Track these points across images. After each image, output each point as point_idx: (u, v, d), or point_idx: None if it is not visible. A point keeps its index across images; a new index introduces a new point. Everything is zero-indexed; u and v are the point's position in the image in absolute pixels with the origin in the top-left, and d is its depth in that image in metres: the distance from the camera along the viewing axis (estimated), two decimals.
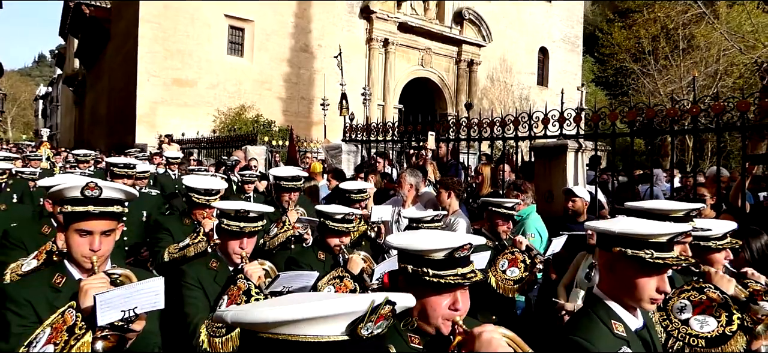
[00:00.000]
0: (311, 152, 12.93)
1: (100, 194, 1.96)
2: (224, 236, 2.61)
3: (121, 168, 5.00)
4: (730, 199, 4.81)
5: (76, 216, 1.94)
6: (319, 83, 19.85)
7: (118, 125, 21.37)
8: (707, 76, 21.72)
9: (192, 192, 3.58)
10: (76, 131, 36.60)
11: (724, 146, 20.95)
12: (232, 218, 2.54)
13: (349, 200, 4.22)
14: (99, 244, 1.95)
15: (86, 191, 1.93)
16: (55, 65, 58.32)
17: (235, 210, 2.55)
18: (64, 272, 2.03)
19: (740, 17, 21.05)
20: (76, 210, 1.93)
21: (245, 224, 2.54)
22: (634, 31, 24.75)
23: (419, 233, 1.93)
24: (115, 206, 1.99)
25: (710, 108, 4.23)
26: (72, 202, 1.94)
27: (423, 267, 1.59)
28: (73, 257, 2.00)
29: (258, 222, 2.60)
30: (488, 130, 5.86)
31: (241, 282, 2.40)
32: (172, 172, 7.90)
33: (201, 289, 2.50)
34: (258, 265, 2.53)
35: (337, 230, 3.11)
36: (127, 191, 2.09)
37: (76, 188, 1.94)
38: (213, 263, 2.62)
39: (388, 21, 22.73)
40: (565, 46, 30.94)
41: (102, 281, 1.81)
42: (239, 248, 2.56)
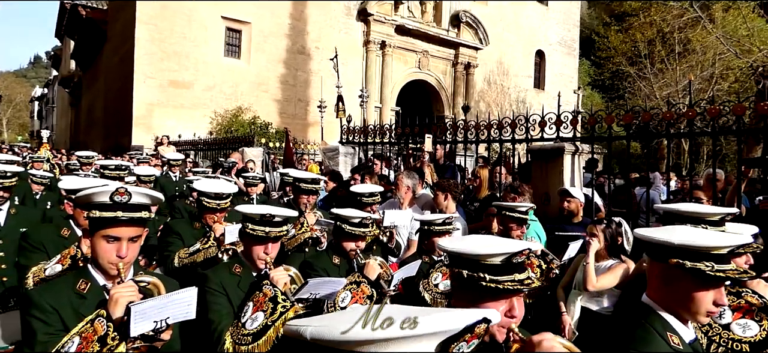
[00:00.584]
0: (308, 154, 12.91)
1: (130, 199, 1.92)
2: (248, 241, 2.53)
3: (113, 170, 4.93)
4: (727, 202, 4.82)
5: (104, 222, 1.90)
6: (316, 85, 19.84)
7: (115, 127, 21.29)
8: (703, 80, 21.83)
9: (203, 196, 3.53)
10: (72, 132, 36.47)
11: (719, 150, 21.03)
12: (257, 223, 2.47)
13: (361, 204, 4.13)
14: (126, 250, 1.92)
15: (115, 197, 1.89)
16: (51, 67, 58.12)
17: (260, 215, 2.47)
18: (88, 277, 1.99)
19: (736, 21, 21.16)
20: (104, 216, 1.89)
21: (271, 229, 2.47)
22: (631, 35, 24.87)
23: (474, 238, 1.91)
24: (142, 212, 1.96)
25: (706, 112, 4.24)
26: (100, 207, 1.90)
27: (479, 271, 1.54)
28: (99, 263, 1.96)
29: (283, 227, 2.54)
30: (485, 132, 5.86)
31: (267, 289, 2.33)
32: (172, 174, 7.80)
33: (225, 295, 2.43)
34: (284, 271, 2.45)
35: (354, 234, 3.06)
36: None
37: (105, 193, 1.90)
38: (236, 269, 2.55)
39: (385, 23, 22.76)
40: (561, 50, 31.04)
41: (132, 290, 1.79)
42: (264, 254, 2.48)
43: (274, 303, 2.28)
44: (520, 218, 3.58)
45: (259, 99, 19.93)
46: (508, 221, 3.59)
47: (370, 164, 7.01)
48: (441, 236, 3.29)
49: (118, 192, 1.89)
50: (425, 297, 2.98)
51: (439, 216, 3.50)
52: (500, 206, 3.76)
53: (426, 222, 3.44)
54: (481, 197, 5.57)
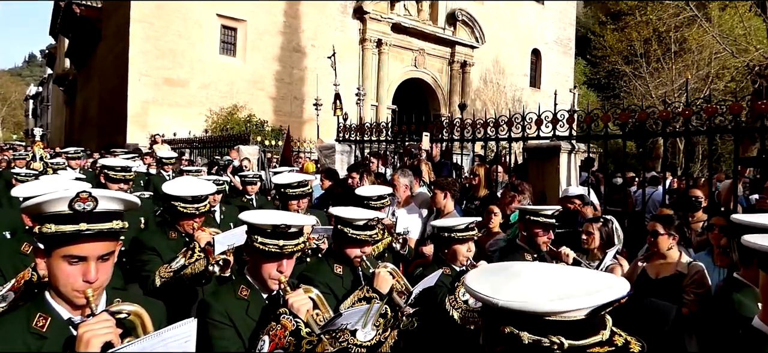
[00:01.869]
0: (304, 151, 12.87)
1: (95, 207, 1.49)
2: (258, 258, 2.08)
3: (118, 172, 4.21)
4: (722, 202, 4.82)
5: (64, 238, 1.46)
6: (311, 83, 19.78)
7: (109, 125, 21.18)
8: (699, 79, 21.88)
9: (176, 201, 2.99)
10: (67, 131, 36.27)
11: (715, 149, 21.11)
12: (269, 236, 2.01)
13: (368, 208, 3.82)
14: (96, 273, 1.48)
15: (76, 204, 1.46)
16: (45, 65, 57.81)
17: (272, 225, 2.01)
18: (47, 310, 1.52)
19: (732, 20, 21.20)
20: (62, 230, 1.45)
21: (285, 243, 2.02)
22: (626, 34, 24.88)
23: (529, 272, 1.37)
24: (114, 222, 1.53)
25: (703, 111, 4.23)
26: (57, 219, 1.46)
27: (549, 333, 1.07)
28: (60, 291, 1.50)
29: (299, 239, 2.10)
30: (482, 131, 5.85)
31: (285, 320, 1.91)
32: (165, 173, 7.49)
33: (231, 326, 2.01)
34: (304, 295, 2.02)
35: (358, 240, 2.67)
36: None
37: (61, 201, 1.46)
38: (243, 291, 2.10)
39: (381, 22, 22.72)
40: (557, 48, 31.08)
41: (108, 325, 1.40)
42: (277, 273, 2.06)
43: (297, 338, 1.89)
44: (545, 223, 3.28)
45: (254, 97, 19.86)
46: (533, 226, 3.31)
47: (367, 163, 6.99)
48: (464, 243, 2.99)
49: (79, 198, 1.46)
50: (454, 315, 2.60)
51: (460, 220, 3.11)
52: (524, 209, 3.50)
53: (446, 228, 3.03)
54: (480, 195, 5.55)
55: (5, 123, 59.64)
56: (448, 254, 3.04)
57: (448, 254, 3.03)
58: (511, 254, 3.34)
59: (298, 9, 20.96)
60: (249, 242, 2.10)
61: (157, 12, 18.05)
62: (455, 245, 2.98)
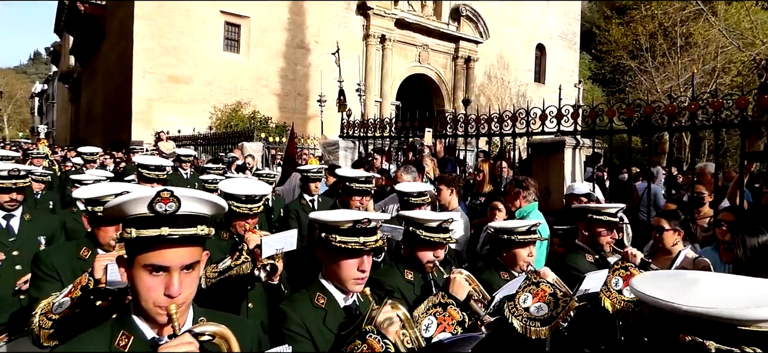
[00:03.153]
0: (308, 148, 12.88)
1: (178, 209, 1.34)
2: (337, 257, 1.92)
3: (152, 171, 3.99)
4: (728, 196, 4.79)
5: (144, 244, 1.32)
6: (315, 79, 19.78)
7: (114, 123, 21.26)
8: (705, 74, 21.73)
9: (230, 200, 2.83)
10: (72, 128, 36.46)
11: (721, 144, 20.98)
12: (347, 233, 1.89)
13: (408, 206, 3.69)
14: (179, 286, 1.33)
15: (157, 205, 1.32)
16: (50, 62, 58.05)
17: (353, 221, 1.89)
18: (130, 329, 1.38)
19: (739, 14, 21.03)
20: (143, 235, 1.31)
21: (366, 239, 1.90)
22: (632, 28, 24.73)
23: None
24: (198, 227, 1.37)
25: (709, 105, 4.20)
26: (137, 223, 1.33)
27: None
28: (141, 307, 1.36)
29: (378, 234, 1.98)
30: (486, 126, 5.83)
31: (373, 341, 1.68)
32: (183, 171, 7.23)
33: (309, 339, 1.85)
34: (392, 312, 1.79)
35: (432, 242, 2.50)
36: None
37: (141, 202, 1.33)
38: (319, 299, 1.94)
39: (385, 17, 22.67)
40: (562, 43, 30.94)
41: (189, 348, 1.25)
42: (359, 272, 1.92)
43: None
44: (609, 222, 3.09)
45: (258, 94, 19.88)
46: (595, 225, 3.12)
47: (370, 159, 6.98)
48: (525, 246, 2.81)
49: (160, 198, 1.33)
50: (514, 323, 2.39)
51: (521, 222, 2.91)
52: (584, 208, 3.27)
53: (506, 230, 2.83)
54: (485, 191, 5.53)
55: (11, 121, 59.97)
56: (506, 257, 2.87)
57: (507, 257, 2.86)
58: (571, 255, 3.21)
59: (301, 5, 20.94)
60: (325, 242, 1.93)
61: (161, 9, 18.08)
62: (515, 248, 2.81)
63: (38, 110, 64.45)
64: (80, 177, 4.94)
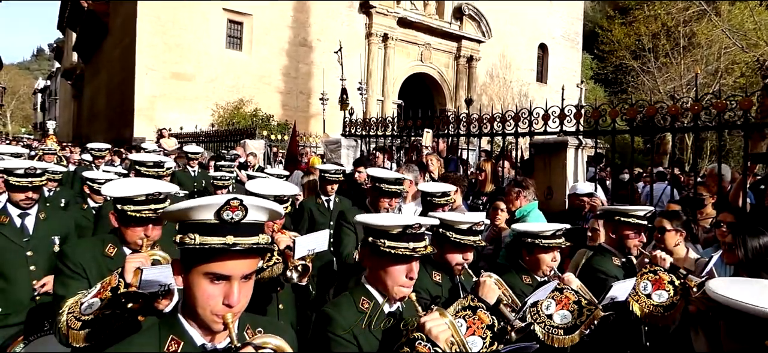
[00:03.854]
0: (310, 146, 12.89)
1: (244, 217, 1.31)
2: (385, 263, 1.86)
3: (151, 167, 3.98)
4: (731, 198, 4.78)
5: (209, 253, 1.27)
6: (317, 78, 19.79)
7: (117, 119, 21.29)
8: (708, 75, 21.69)
9: None
10: (75, 124, 36.51)
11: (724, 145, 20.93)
12: (397, 238, 1.84)
13: (430, 206, 3.61)
14: (238, 295, 1.31)
15: (225, 213, 1.28)
16: (53, 59, 58.16)
17: (403, 226, 1.85)
18: (180, 334, 1.36)
19: (742, 15, 20.97)
20: (209, 243, 1.26)
21: (416, 245, 1.85)
22: (635, 28, 24.69)
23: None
24: (260, 235, 1.35)
25: (712, 106, 4.19)
26: (202, 229, 1.28)
27: None
28: (197, 313, 1.32)
29: (426, 240, 1.93)
30: (488, 126, 5.83)
31: (423, 348, 1.64)
32: (191, 168, 7.17)
33: (355, 344, 1.81)
34: (441, 319, 1.73)
35: (462, 244, 2.47)
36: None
37: (208, 208, 1.29)
38: (364, 304, 1.88)
39: (387, 16, 22.65)
40: (564, 43, 30.88)
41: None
42: (407, 279, 1.86)
43: None
44: (637, 225, 3.01)
45: (260, 91, 19.90)
46: (622, 227, 3.03)
47: (372, 157, 6.99)
48: (549, 251, 2.72)
49: (229, 206, 1.29)
50: (536, 330, 2.36)
51: (547, 226, 2.81)
52: (611, 210, 3.18)
53: (530, 234, 2.75)
54: (486, 191, 5.53)
55: (14, 117, 60.10)
56: (529, 261, 2.79)
57: (530, 261, 2.78)
58: (597, 258, 3.13)
59: (304, 3, 20.94)
60: (372, 247, 1.89)
61: (164, 6, 18.09)
62: (540, 253, 2.73)
63: (41, 106, 64.57)
64: (92, 175, 4.87)
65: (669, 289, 2.49)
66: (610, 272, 2.95)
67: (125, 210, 2.27)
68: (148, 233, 2.28)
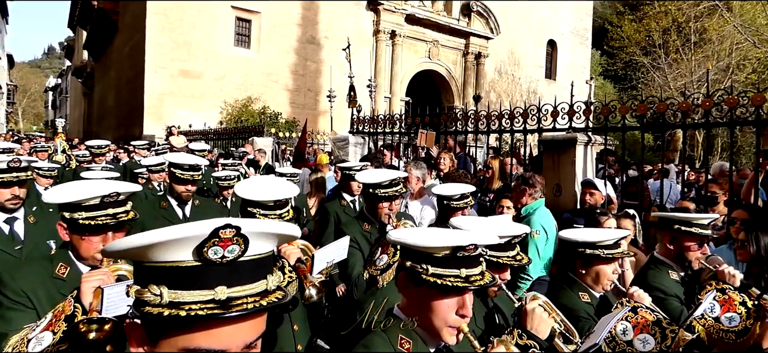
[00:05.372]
0: (318, 143, 12.91)
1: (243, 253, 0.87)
2: (432, 296, 1.45)
3: (187, 171, 3.60)
4: (743, 195, 4.73)
5: (187, 320, 0.81)
6: (325, 75, 19.81)
7: (126, 117, 21.47)
8: (719, 71, 21.45)
9: (254, 207, 2.41)
10: (85, 122, 36.83)
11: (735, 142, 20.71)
12: (445, 264, 1.42)
13: (448, 209, 3.33)
14: None
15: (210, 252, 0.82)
16: (64, 57, 58.69)
17: (453, 248, 1.41)
18: None
19: (754, 10, 20.72)
20: (187, 307, 0.81)
21: (470, 273, 1.43)
22: (645, 24, 24.48)
23: None
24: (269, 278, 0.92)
25: (723, 102, 4.14)
26: (174, 277, 0.83)
27: None
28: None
29: (483, 265, 1.52)
30: (496, 122, 5.80)
31: None
32: None
33: None
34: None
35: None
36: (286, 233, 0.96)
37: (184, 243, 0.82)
38: (403, 344, 1.49)
39: (395, 13, 22.62)
40: (573, 39, 30.66)
41: None
42: (458, 317, 1.46)
43: None
44: (700, 235, 2.66)
45: (269, 89, 19.96)
46: (683, 238, 2.69)
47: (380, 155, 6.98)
48: (610, 262, 2.36)
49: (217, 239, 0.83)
50: (699, 333, 2.03)
51: (607, 233, 2.46)
52: (671, 217, 2.81)
53: (588, 243, 2.35)
54: (494, 188, 5.51)
55: (26, 114, 60.75)
56: (586, 274, 2.40)
57: (587, 274, 2.39)
58: (652, 272, 2.77)
59: (312, 1, 20.96)
60: (411, 273, 1.47)
61: (173, 4, 18.19)
62: (599, 264, 2.36)
63: (52, 104, 65.21)
64: (89, 174, 4.60)
65: (741, 311, 2.10)
66: (669, 289, 2.60)
67: (75, 218, 1.87)
68: (107, 244, 1.82)
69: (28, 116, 62.15)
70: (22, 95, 56.48)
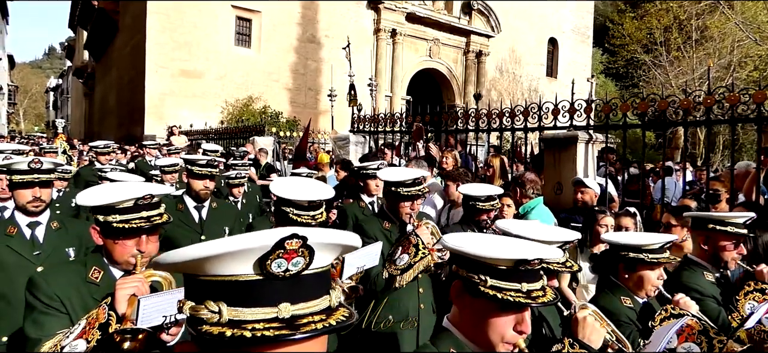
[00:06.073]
0: (319, 142, 12.91)
1: (308, 265, 0.80)
2: (486, 307, 1.36)
3: (204, 166, 3.59)
4: (745, 193, 4.72)
5: (251, 342, 0.75)
6: (326, 74, 19.82)
7: (127, 117, 21.50)
8: (720, 68, 21.41)
9: (289, 206, 2.38)
10: (87, 122, 36.90)
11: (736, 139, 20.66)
12: (508, 277, 1.32)
13: (474, 211, 3.25)
14: None
15: (274, 265, 0.75)
16: (65, 57, 58.76)
17: (516, 261, 1.31)
18: None
19: (756, 7, 20.67)
20: (250, 326, 0.75)
21: (531, 287, 1.33)
22: (646, 22, 24.43)
23: None
24: (331, 295, 0.86)
25: (725, 99, 4.14)
26: (232, 292, 0.77)
27: None
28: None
29: (544, 278, 1.44)
30: (497, 121, 5.79)
31: None
32: None
33: None
34: None
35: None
36: (348, 243, 0.90)
37: (247, 255, 0.75)
38: None
39: (395, 11, 22.61)
40: (575, 37, 30.61)
41: None
42: (516, 334, 1.36)
43: None
44: (736, 234, 2.58)
45: (269, 88, 19.97)
46: (719, 237, 2.63)
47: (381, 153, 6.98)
48: (655, 267, 2.25)
49: (283, 250, 0.77)
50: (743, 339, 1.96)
51: (651, 237, 2.33)
52: (704, 217, 2.77)
53: (632, 246, 2.26)
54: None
55: (27, 115, 60.83)
56: (629, 279, 2.30)
57: (630, 279, 2.29)
58: (686, 273, 2.68)
59: (312, 1, 20.95)
60: (467, 284, 1.37)
61: (173, 4, 18.20)
62: (643, 269, 2.26)
63: (53, 105, 65.29)
64: (113, 176, 4.31)
65: None
66: (705, 290, 2.52)
67: (109, 221, 1.84)
68: (141, 247, 1.84)
69: (30, 117, 62.22)
70: (23, 96, 56.57)
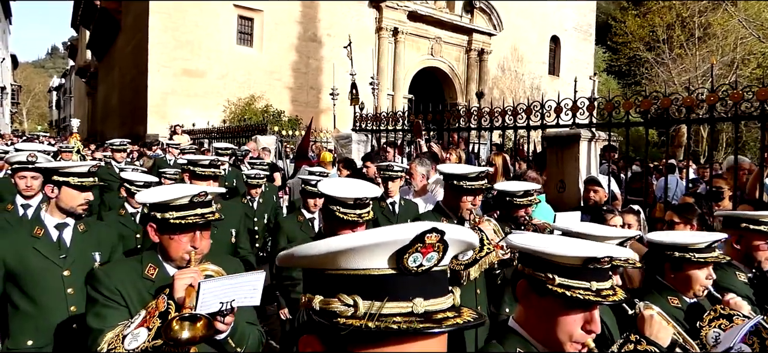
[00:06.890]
0: (321, 141, 12.92)
1: (441, 259, 0.79)
2: (554, 305, 1.34)
3: (207, 167, 3.56)
4: (748, 190, 4.71)
5: (386, 334, 0.73)
6: (328, 73, 19.82)
7: (130, 116, 21.54)
8: (724, 65, 21.34)
9: (336, 204, 2.44)
10: (90, 121, 36.97)
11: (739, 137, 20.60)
12: (577, 275, 1.31)
13: (511, 206, 3.15)
14: None
15: (411, 258, 0.74)
16: (67, 57, 58.89)
17: (584, 258, 1.30)
18: None
19: (759, 5, 20.58)
20: (392, 319, 0.73)
21: (600, 286, 1.33)
22: (649, 20, 24.35)
23: None
24: (455, 293, 0.88)
25: (728, 97, 4.13)
26: (367, 285, 0.75)
27: None
28: None
29: (612, 278, 1.44)
30: (499, 119, 5.79)
31: None
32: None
33: None
34: None
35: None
36: (471, 241, 0.90)
37: (385, 247, 0.74)
38: None
39: (397, 10, 22.59)
40: (577, 35, 30.54)
41: None
42: (583, 333, 1.34)
43: None
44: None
45: (271, 87, 19.98)
46: (753, 237, 2.61)
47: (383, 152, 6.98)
48: (703, 267, 2.19)
49: (421, 244, 0.75)
50: None
51: (699, 236, 2.28)
52: (737, 216, 2.75)
53: (677, 246, 2.22)
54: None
55: (30, 115, 60.99)
56: (676, 279, 2.25)
57: (678, 279, 2.24)
58: (719, 273, 2.50)
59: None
60: (534, 282, 1.36)
61: (175, 3, 18.22)
62: (691, 269, 2.21)
63: (56, 104, 65.45)
64: (131, 176, 4.17)
65: None
66: (740, 290, 2.47)
67: (167, 218, 1.90)
68: (195, 243, 1.93)
69: (33, 116, 62.40)
70: (26, 95, 56.73)
